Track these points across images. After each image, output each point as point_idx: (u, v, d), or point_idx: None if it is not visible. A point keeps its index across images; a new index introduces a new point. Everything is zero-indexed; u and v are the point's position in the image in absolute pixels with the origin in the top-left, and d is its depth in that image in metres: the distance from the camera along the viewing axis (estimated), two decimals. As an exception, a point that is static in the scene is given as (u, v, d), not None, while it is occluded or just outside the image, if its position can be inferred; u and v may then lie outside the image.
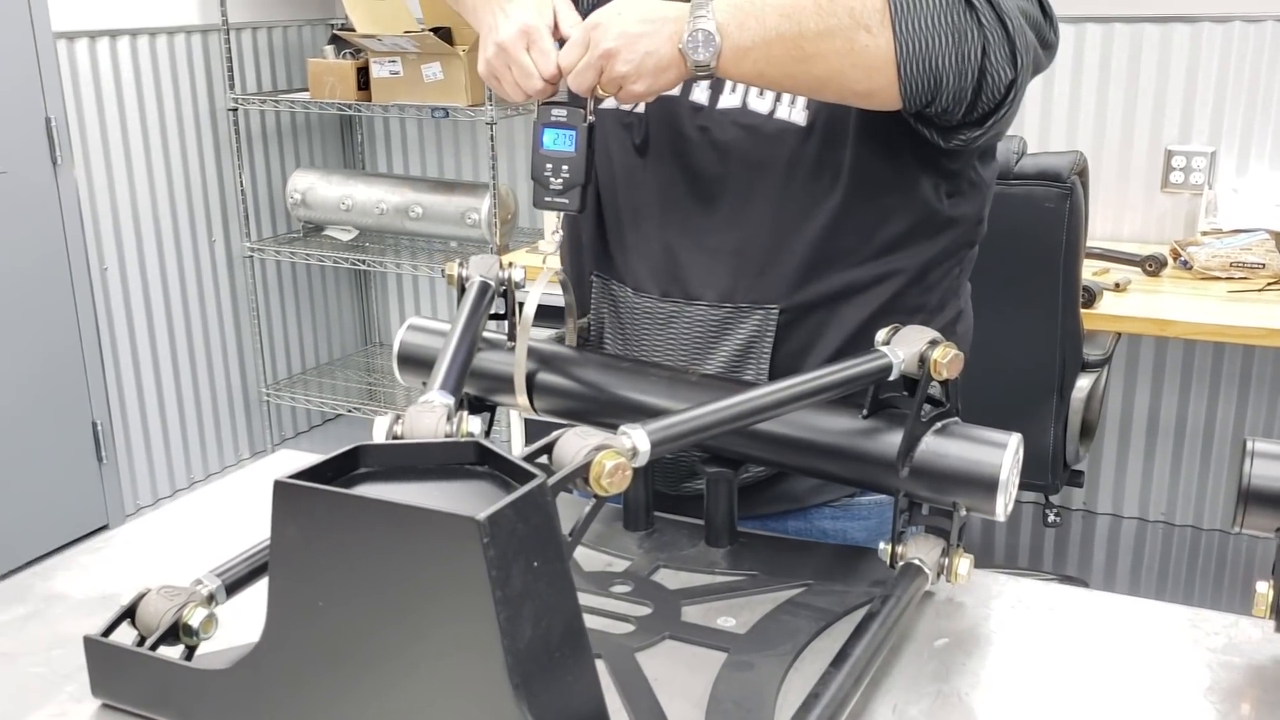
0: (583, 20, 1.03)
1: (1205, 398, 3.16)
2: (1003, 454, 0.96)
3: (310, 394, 3.89)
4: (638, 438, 0.80)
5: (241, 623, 1.00)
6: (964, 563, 1.01)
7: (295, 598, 0.76)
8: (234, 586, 0.93)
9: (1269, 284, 2.59)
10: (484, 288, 1.14)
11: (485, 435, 1.17)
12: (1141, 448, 3.26)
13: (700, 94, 1.14)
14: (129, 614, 0.89)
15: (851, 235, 1.13)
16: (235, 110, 3.61)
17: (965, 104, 1.03)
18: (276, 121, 3.85)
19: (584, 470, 0.77)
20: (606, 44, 0.99)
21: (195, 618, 0.87)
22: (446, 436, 0.88)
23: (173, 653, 0.88)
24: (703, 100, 1.14)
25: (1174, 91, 3.01)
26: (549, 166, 1.07)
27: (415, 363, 1.24)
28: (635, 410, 1.09)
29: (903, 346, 0.99)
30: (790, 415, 0.99)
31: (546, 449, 0.81)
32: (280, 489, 0.74)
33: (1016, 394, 2.34)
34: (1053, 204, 2.13)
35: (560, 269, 1.18)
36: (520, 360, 1.13)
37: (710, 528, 1.12)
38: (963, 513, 0.99)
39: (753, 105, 1.12)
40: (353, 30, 3.41)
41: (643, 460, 0.81)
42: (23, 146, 3.05)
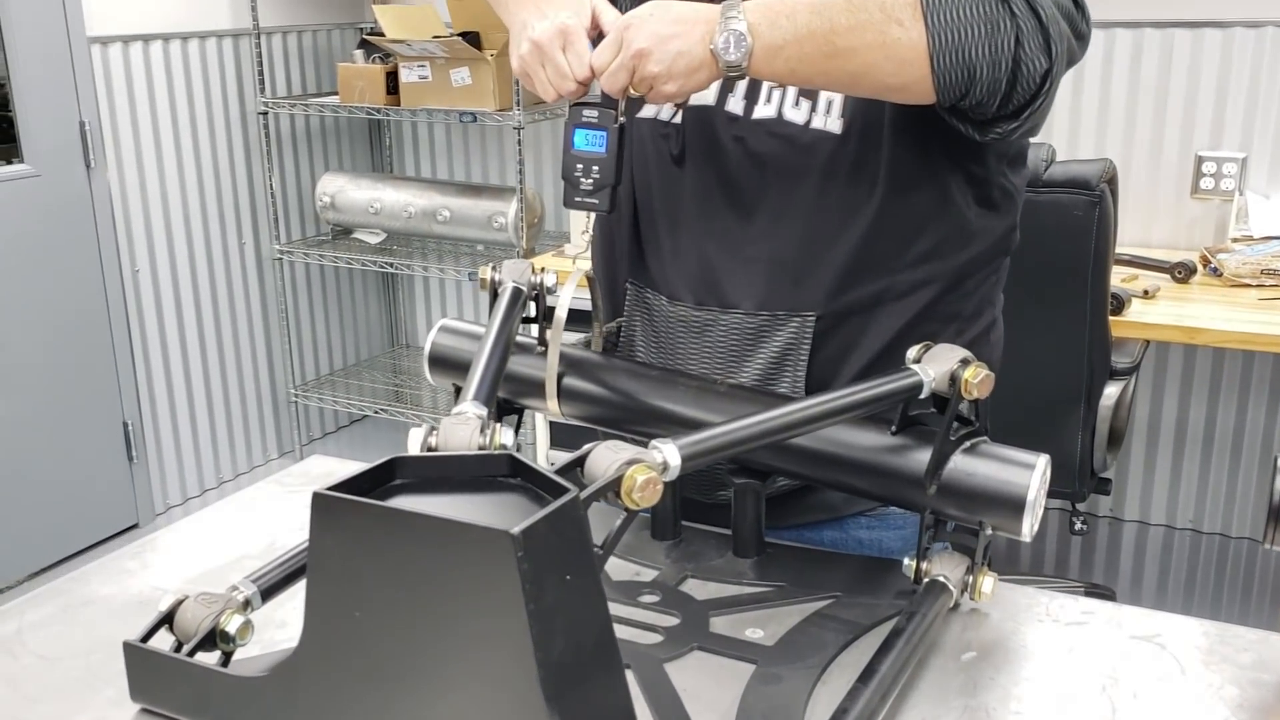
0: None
1: (1234, 405, 3.14)
2: (1031, 475, 0.96)
3: (338, 395, 3.92)
4: (669, 452, 0.81)
5: (274, 627, 1.01)
6: (988, 581, 1.01)
7: (332, 607, 0.77)
8: (269, 592, 0.94)
9: (1300, 292, 2.58)
10: (516, 293, 1.15)
11: (514, 432, 1.18)
12: (1169, 455, 3.24)
13: (735, 104, 1.15)
14: (167, 620, 0.91)
15: (887, 242, 1.13)
16: (265, 114, 3.64)
17: (1000, 95, 1.02)
18: (306, 125, 3.88)
19: (615, 484, 0.78)
20: (638, 44, 0.99)
21: (232, 624, 0.89)
22: (480, 449, 0.89)
23: (210, 658, 0.89)
24: (738, 110, 1.15)
25: (1205, 97, 2.99)
26: (579, 167, 1.08)
27: (446, 364, 1.25)
28: (663, 419, 1.10)
29: (934, 365, 0.99)
30: (819, 430, 1.00)
31: (578, 463, 0.82)
32: (319, 501, 0.75)
33: (1044, 401, 2.33)
34: (1081, 212, 2.13)
35: (589, 269, 1.18)
36: (552, 366, 1.14)
37: (738, 538, 1.13)
38: (988, 531, 0.99)
39: (788, 115, 1.12)
40: (382, 35, 3.43)
41: (673, 475, 0.81)
42: (57, 150, 3.09)
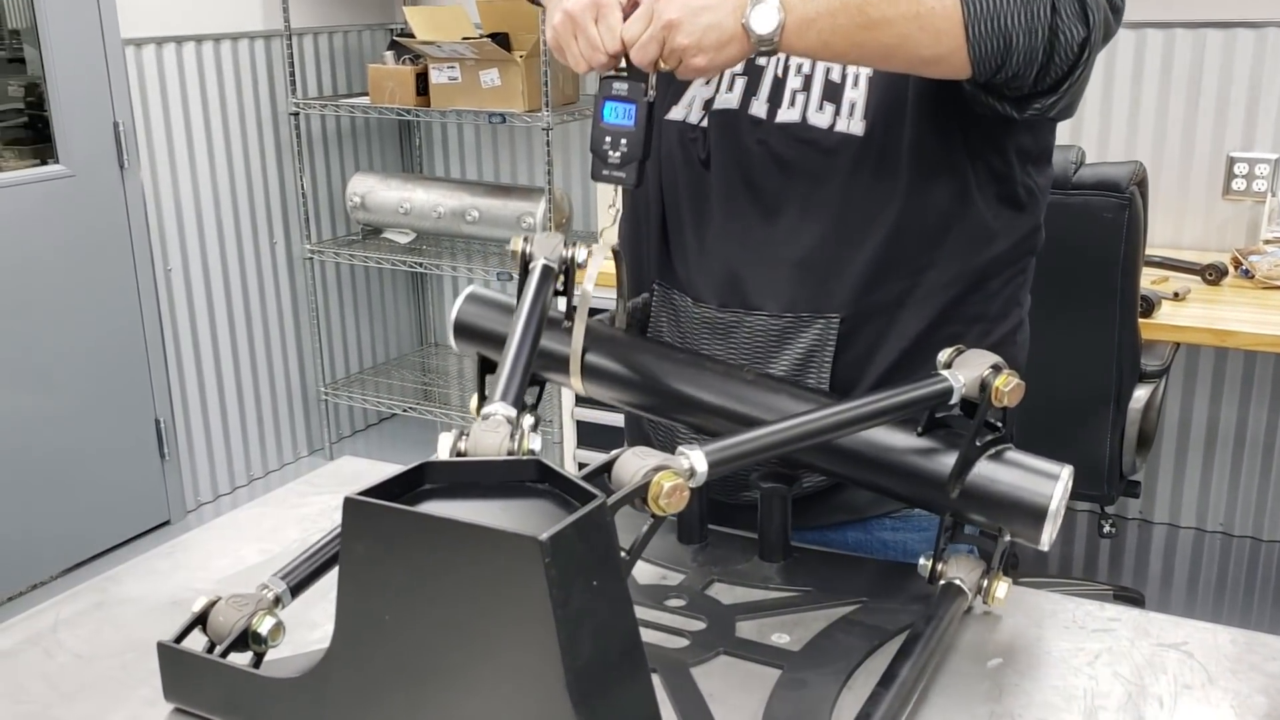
0: None
1: (1266, 408, 3.12)
2: (1054, 485, 0.96)
3: (367, 393, 3.94)
4: (695, 458, 0.82)
5: (305, 627, 1.02)
6: (1002, 586, 1.02)
7: (362, 611, 0.79)
8: (298, 588, 0.96)
9: (1333, 295, 2.56)
10: (546, 273, 1.12)
11: (535, 407, 1.16)
12: (1200, 458, 3.22)
13: (759, 108, 1.15)
14: (200, 621, 0.92)
15: (910, 243, 1.13)
16: (297, 114, 3.67)
17: (1037, 66, 1.01)
18: (337, 126, 3.90)
19: (642, 490, 0.79)
20: (669, 15, 0.98)
21: (264, 625, 0.90)
22: (509, 454, 0.90)
23: (242, 659, 0.90)
24: (761, 114, 1.15)
25: (1237, 97, 2.97)
26: (608, 140, 1.06)
27: (471, 334, 1.23)
28: (685, 404, 1.10)
29: (964, 371, 0.99)
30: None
31: (606, 468, 0.83)
32: (350, 505, 0.76)
33: (1073, 404, 2.32)
34: (1111, 214, 2.12)
35: (616, 243, 1.17)
36: (577, 343, 1.13)
37: (764, 542, 1.13)
38: (1006, 538, 0.99)
39: (812, 120, 1.13)
40: (412, 36, 3.45)
41: (700, 481, 0.82)
42: (92, 150, 3.13)
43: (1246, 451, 3.17)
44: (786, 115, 1.14)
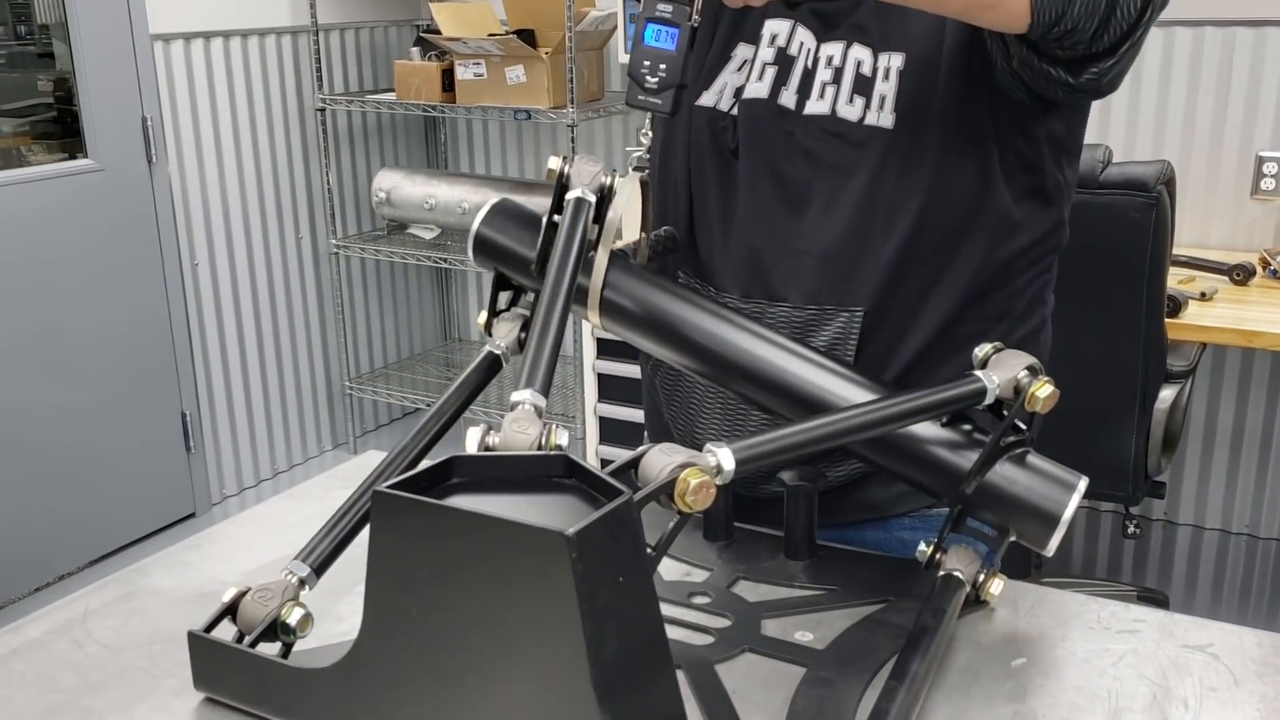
0: None
1: (1293, 410, 3.10)
2: (1070, 495, 0.96)
3: (391, 388, 3.96)
4: (723, 456, 0.82)
5: (330, 621, 1.03)
6: (997, 583, 1.04)
7: (391, 603, 0.79)
8: (321, 567, 0.98)
9: (1362, 296, 2.54)
10: (579, 210, 1.07)
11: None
12: (1225, 459, 3.20)
13: (788, 98, 1.15)
14: (230, 611, 0.93)
15: (936, 235, 1.13)
16: (323, 110, 3.69)
17: (1098, 20, 0.98)
18: (363, 121, 3.92)
19: (669, 487, 0.79)
20: None
21: (293, 616, 0.91)
22: (539, 449, 0.90)
23: (271, 649, 0.91)
24: (790, 104, 1.15)
25: (1267, 96, 2.95)
26: (647, 63, 1.03)
27: (491, 251, 1.17)
28: (699, 353, 1.08)
29: (999, 371, 0.99)
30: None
31: (632, 464, 0.83)
32: (379, 499, 0.77)
33: (1098, 404, 2.31)
34: (1138, 214, 2.11)
35: (646, 175, 1.13)
36: (597, 276, 1.10)
37: (790, 540, 1.13)
38: (1011, 538, 0.99)
39: (842, 113, 1.13)
40: (438, 33, 3.46)
41: (726, 479, 0.82)
42: (120, 145, 3.15)
43: (1274, 453, 3.14)
44: (815, 107, 1.14)
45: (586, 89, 3.46)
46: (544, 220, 1.11)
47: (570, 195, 1.08)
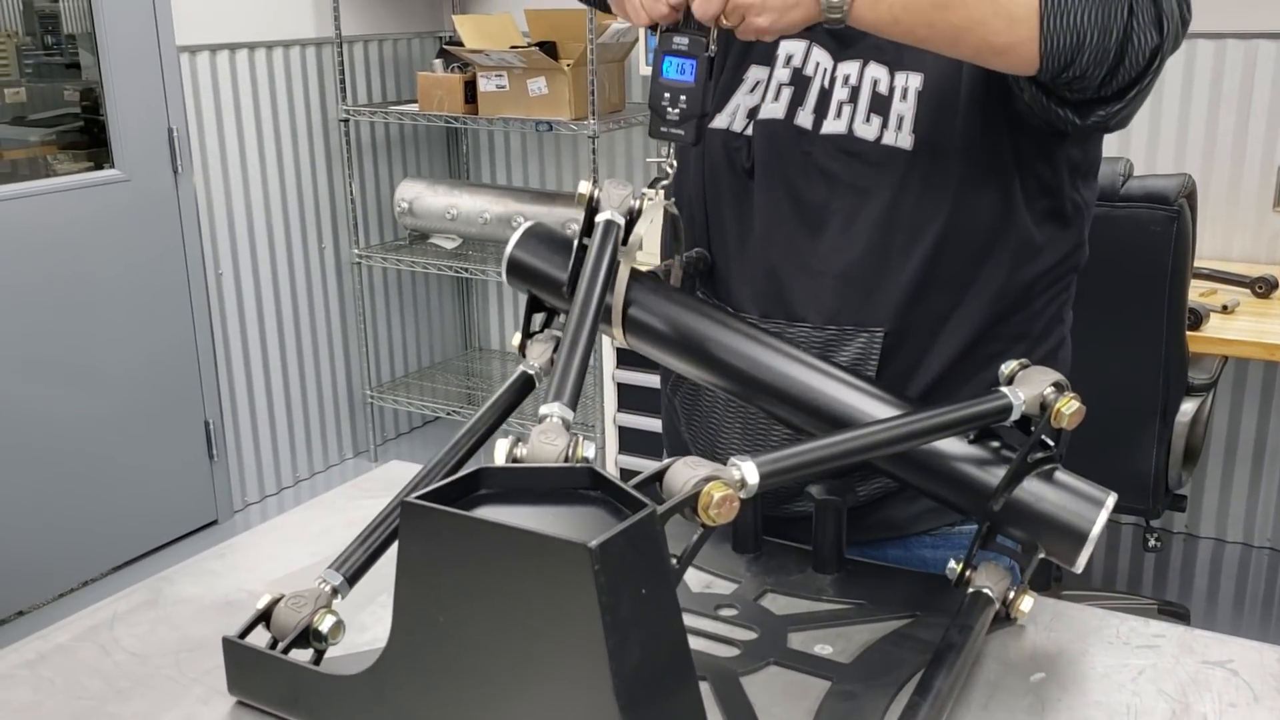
0: None
1: (1316, 423, 3.08)
2: (1099, 511, 0.96)
3: (412, 397, 3.98)
4: (747, 470, 0.83)
5: (355, 630, 1.05)
6: (1027, 600, 1.04)
7: (418, 612, 0.80)
8: (354, 577, 0.99)
9: (1385, 310, 2.52)
10: (608, 232, 1.08)
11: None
12: (1247, 472, 3.19)
13: (804, 118, 1.16)
14: (264, 617, 0.94)
15: (957, 257, 1.13)
16: (347, 121, 3.71)
17: (1106, 68, 0.99)
18: (386, 132, 3.95)
19: (692, 500, 0.80)
20: None
21: (325, 624, 0.93)
22: (565, 461, 0.91)
23: (303, 655, 0.93)
24: (806, 124, 1.15)
25: (1289, 109, 2.95)
26: (667, 95, 1.05)
27: (524, 274, 1.20)
28: (727, 371, 1.08)
29: (1025, 388, 0.99)
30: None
31: (657, 477, 0.84)
32: (408, 509, 0.78)
33: (1119, 417, 2.31)
34: (1159, 227, 2.11)
35: (672, 202, 1.15)
36: (619, 292, 1.10)
37: (818, 554, 1.14)
38: (1040, 554, 0.99)
39: (859, 132, 1.13)
40: (461, 45, 3.48)
41: (751, 493, 0.83)
42: (146, 155, 3.18)
43: (1295, 467, 3.13)
44: (832, 127, 1.14)
45: (608, 101, 3.47)
46: (574, 243, 1.12)
47: (600, 218, 1.09)
